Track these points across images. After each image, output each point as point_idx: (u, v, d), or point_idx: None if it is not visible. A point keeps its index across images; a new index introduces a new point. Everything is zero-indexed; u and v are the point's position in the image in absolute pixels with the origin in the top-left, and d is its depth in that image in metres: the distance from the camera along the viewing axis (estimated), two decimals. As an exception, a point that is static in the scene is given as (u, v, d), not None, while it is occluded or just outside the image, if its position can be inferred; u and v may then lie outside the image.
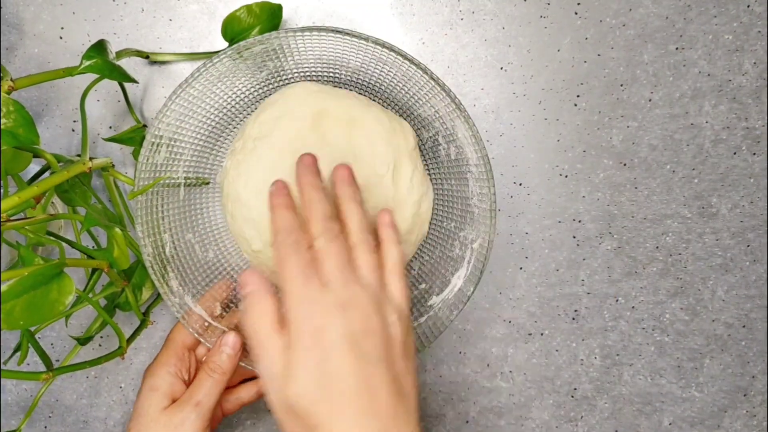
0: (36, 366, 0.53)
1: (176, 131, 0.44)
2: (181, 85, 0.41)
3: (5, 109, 0.34)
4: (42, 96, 0.51)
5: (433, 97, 0.44)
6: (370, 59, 0.44)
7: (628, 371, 0.56)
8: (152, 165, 0.43)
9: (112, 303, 0.46)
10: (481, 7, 0.52)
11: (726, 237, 0.55)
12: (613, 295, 0.55)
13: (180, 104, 0.43)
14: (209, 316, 0.46)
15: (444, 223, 0.48)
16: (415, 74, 0.42)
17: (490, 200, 0.43)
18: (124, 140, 0.47)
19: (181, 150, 0.45)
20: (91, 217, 0.38)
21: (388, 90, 0.47)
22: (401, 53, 0.41)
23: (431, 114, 0.45)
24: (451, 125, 0.44)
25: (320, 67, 0.46)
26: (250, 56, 0.43)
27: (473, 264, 0.45)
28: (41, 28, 0.50)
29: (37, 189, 0.36)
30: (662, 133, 0.54)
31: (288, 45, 0.43)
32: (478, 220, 0.45)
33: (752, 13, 0.53)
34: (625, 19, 0.52)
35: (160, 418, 0.41)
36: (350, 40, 0.41)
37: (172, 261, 0.45)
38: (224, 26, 0.46)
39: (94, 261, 0.40)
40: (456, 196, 0.47)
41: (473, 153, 0.44)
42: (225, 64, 0.42)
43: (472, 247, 0.46)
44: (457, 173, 0.46)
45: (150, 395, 0.42)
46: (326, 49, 0.44)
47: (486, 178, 0.43)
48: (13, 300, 0.33)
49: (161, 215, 0.45)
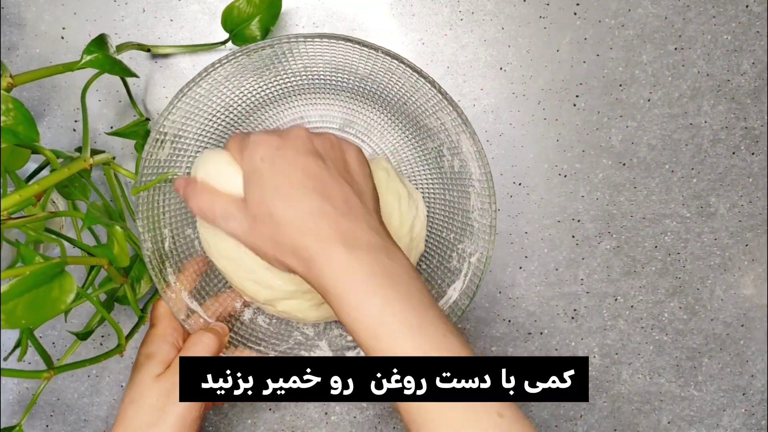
0: (37, 365, 0.53)
1: (181, 128, 0.44)
2: (189, 84, 0.42)
3: (5, 106, 0.35)
4: (43, 96, 0.51)
5: (440, 110, 0.44)
6: (378, 68, 0.44)
7: (627, 370, 0.56)
8: (155, 161, 0.43)
9: (111, 298, 0.46)
10: (480, 8, 0.52)
11: (725, 236, 0.55)
12: (612, 295, 0.55)
13: (186, 102, 0.43)
14: (204, 310, 0.46)
15: (443, 233, 0.48)
16: (423, 86, 0.43)
17: (491, 216, 0.44)
18: (126, 134, 0.47)
19: (185, 147, 0.45)
20: (92, 215, 0.39)
21: (395, 99, 0.47)
22: (410, 65, 0.41)
23: (437, 126, 0.45)
24: (456, 138, 0.44)
25: (328, 72, 0.46)
26: (259, 59, 0.43)
27: (470, 278, 0.45)
28: (43, 28, 0.51)
29: (38, 187, 0.36)
30: (661, 133, 0.54)
31: (298, 50, 0.43)
32: (477, 234, 0.45)
33: (751, 13, 0.53)
34: (624, 19, 0.53)
35: (153, 385, 0.41)
36: (360, 49, 0.42)
37: (170, 256, 0.45)
38: (224, 17, 0.46)
39: (94, 259, 0.40)
40: (457, 208, 0.47)
41: (476, 168, 0.44)
42: (233, 65, 0.42)
43: (469, 261, 0.46)
44: (459, 186, 0.47)
45: (145, 362, 0.42)
46: (335, 56, 0.44)
47: (488, 194, 0.43)
48: (15, 299, 0.33)
49: (162, 210, 0.45)
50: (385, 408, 0.56)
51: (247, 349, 0.47)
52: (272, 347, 0.48)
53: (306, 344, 0.48)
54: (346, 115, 0.50)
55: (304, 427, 0.56)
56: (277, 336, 0.49)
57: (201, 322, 0.46)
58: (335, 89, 0.48)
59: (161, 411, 0.40)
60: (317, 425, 0.56)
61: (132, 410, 0.41)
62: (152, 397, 0.41)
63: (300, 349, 0.48)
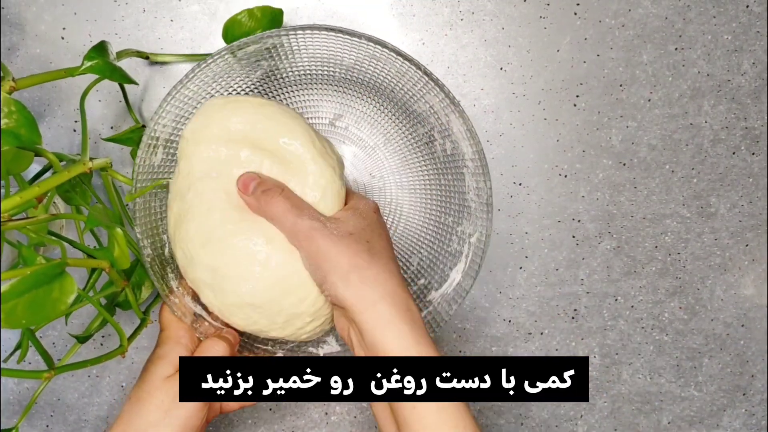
0: (37, 365, 0.53)
1: (173, 132, 0.44)
2: (176, 86, 0.41)
3: (7, 109, 0.35)
4: (44, 96, 0.51)
5: (427, 93, 0.44)
6: (363, 56, 0.44)
7: (627, 370, 0.56)
8: (149, 166, 0.43)
9: (112, 302, 0.46)
10: (481, 8, 0.52)
11: (725, 236, 0.55)
12: (612, 295, 0.55)
13: (176, 105, 0.43)
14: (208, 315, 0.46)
15: (442, 218, 0.49)
16: (408, 70, 0.42)
17: (487, 194, 0.44)
18: (122, 140, 0.47)
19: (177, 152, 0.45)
20: (93, 217, 0.39)
21: (382, 87, 0.47)
22: (395, 49, 0.41)
23: (426, 110, 0.46)
24: (446, 120, 0.44)
25: (314, 65, 0.46)
26: (245, 56, 0.43)
27: (471, 258, 0.45)
28: (43, 28, 0.51)
29: (39, 189, 0.36)
30: (661, 133, 0.54)
31: (281, 44, 0.43)
32: (475, 214, 0.45)
33: (751, 13, 0.53)
34: (625, 19, 0.53)
35: (162, 385, 0.41)
36: (343, 38, 0.41)
37: (171, 261, 0.45)
38: (225, 29, 0.46)
39: (95, 261, 0.40)
40: (453, 191, 0.47)
41: (468, 148, 0.44)
42: (219, 65, 0.42)
43: (469, 242, 0.46)
44: (453, 168, 0.47)
45: (157, 362, 0.42)
46: (320, 48, 0.44)
47: (482, 173, 0.43)
48: (15, 299, 0.33)
49: (159, 217, 0.45)
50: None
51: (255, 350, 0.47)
52: (279, 346, 0.48)
53: (314, 340, 0.48)
54: (336, 108, 0.50)
55: (304, 427, 0.56)
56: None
57: (209, 327, 0.45)
58: (324, 82, 0.48)
59: (166, 413, 0.40)
60: (317, 425, 0.56)
61: (137, 408, 0.41)
62: (159, 397, 0.41)
63: (308, 345, 0.48)
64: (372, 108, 0.49)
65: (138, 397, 0.41)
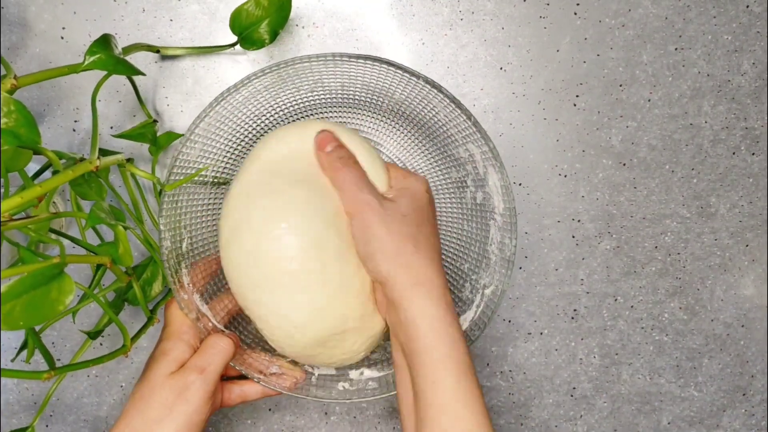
0: (37, 365, 0.53)
1: (215, 131, 0.44)
2: (229, 90, 0.42)
3: (6, 108, 0.34)
4: (43, 95, 0.51)
5: (471, 141, 0.44)
6: (416, 95, 0.44)
7: (627, 370, 0.56)
8: (185, 161, 0.43)
9: (121, 297, 0.46)
10: (480, 8, 0.52)
11: (725, 237, 0.55)
12: (612, 295, 0.55)
13: (224, 106, 0.43)
14: (213, 315, 0.46)
15: (458, 263, 0.48)
16: (458, 117, 0.43)
17: (510, 251, 0.44)
18: (134, 136, 0.47)
19: (215, 150, 0.46)
20: (95, 215, 0.38)
21: (427, 125, 0.47)
22: (449, 96, 0.42)
23: (466, 157, 0.45)
24: (483, 171, 0.44)
25: (364, 93, 0.46)
26: (294, 72, 0.43)
27: (482, 309, 0.45)
28: (43, 27, 0.51)
29: (41, 189, 0.36)
30: (661, 133, 0.54)
31: (336, 68, 0.43)
32: (494, 267, 0.45)
33: (751, 13, 0.53)
34: (625, 19, 0.53)
35: (165, 382, 0.41)
36: (401, 75, 0.42)
37: (187, 257, 0.45)
38: (232, 19, 0.46)
39: (95, 257, 0.40)
40: (474, 239, 0.47)
41: (501, 203, 0.44)
42: (273, 77, 0.43)
43: (483, 293, 0.46)
44: (480, 218, 0.46)
45: (160, 359, 0.42)
46: (374, 78, 0.44)
47: (510, 230, 0.43)
48: (13, 300, 0.33)
49: (183, 211, 0.45)
50: (384, 408, 0.56)
51: (263, 352, 0.47)
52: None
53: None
54: (377, 136, 0.50)
55: (304, 427, 0.56)
56: None
57: (210, 326, 0.45)
58: (368, 109, 0.48)
59: (170, 409, 0.40)
60: (317, 425, 0.56)
61: (140, 405, 0.41)
62: (162, 395, 0.41)
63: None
64: (411, 143, 0.49)
65: (141, 394, 0.41)
